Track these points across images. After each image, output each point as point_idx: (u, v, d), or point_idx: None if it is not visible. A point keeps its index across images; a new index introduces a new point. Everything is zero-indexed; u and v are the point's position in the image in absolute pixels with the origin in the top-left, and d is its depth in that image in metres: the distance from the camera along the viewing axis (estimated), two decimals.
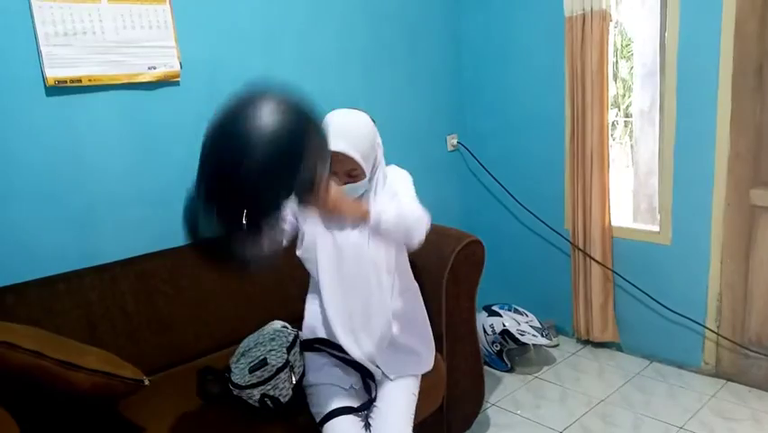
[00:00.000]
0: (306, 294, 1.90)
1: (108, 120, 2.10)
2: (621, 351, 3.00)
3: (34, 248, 1.97)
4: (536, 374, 2.86)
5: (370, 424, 1.71)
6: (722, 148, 2.47)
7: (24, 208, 1.95)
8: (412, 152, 3.06)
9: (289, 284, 2.23)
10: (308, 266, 1.82)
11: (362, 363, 1.75)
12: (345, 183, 1.70)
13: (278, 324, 1.89)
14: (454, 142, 3.28)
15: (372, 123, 1.76)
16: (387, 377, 1.77)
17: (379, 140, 1.78)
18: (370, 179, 1.75)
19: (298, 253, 1.86)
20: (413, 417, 1.75)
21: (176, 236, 2.22)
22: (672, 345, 2.80)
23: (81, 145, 2.05)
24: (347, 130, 1.67)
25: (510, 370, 2.88)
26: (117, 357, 1.68)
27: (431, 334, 1.97)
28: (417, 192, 1.83)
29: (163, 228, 2.23)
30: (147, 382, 1.60)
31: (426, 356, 1.91)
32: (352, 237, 1.74)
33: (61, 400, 1.53)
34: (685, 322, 2.72)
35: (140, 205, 2.19)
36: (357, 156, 1.66)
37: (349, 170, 1.69)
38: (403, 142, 3.02)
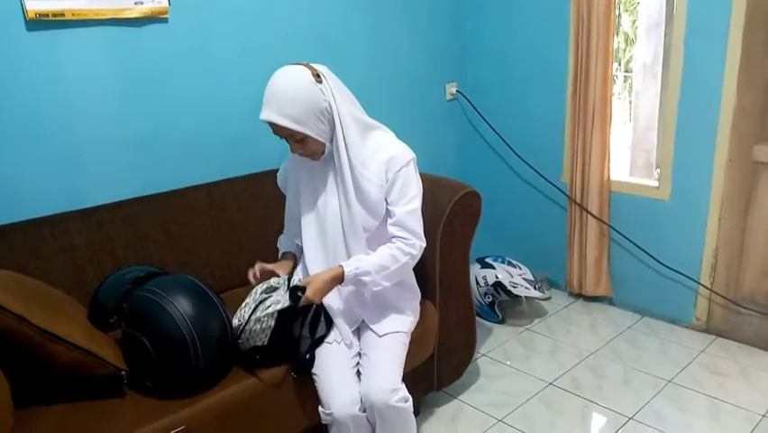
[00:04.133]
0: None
1: (93, 57, 2.00)
2: (613, 305, 3.01)
3: (16, 190, 1.91)
4: (527, 326, 2.86)
5: (360, 373, 1.70)
6: (728, 102, 2.40)
7: (6, 148, 1.88)
8: (409, 99, 2.98)
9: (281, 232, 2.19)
10: (297, 242, 1.88)
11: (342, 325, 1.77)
12: (299, 153, 1.70)
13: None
14: (453, 90, 3.19)
15: (312, 81, 1.61)
16: (375, 333, 1.76)
17: (334, 98, 1.63)
18: (331, 140, 1.69)
19: (285, 232, 1.94)
20: (402, 366, 1.74)
21: (165, 181, 2.18)
22: (664, 300, 2.81)
23: (65, 83, 1.96)
24: (273, 95, 1.61)
25: (501, 321, 2.89)
26: (107, 337, 1.63)
27: (417, 291, 1.96)
28: (413, 143, 1.77)
29: (152, 172, 2.18)
30: (124, 374, 1.56)
31: (412, 313, 1.90)
32: (331, 207, 1.76)
33: (40, 369, 1.50)
34: (679, 278, 2.71)
35: (127, 147, 2.12)
36: (286, 123, 1.59)
37: (289, 136, 1.66)
38: (400, 89, 2.93)
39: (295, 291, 1.66)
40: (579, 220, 2.95)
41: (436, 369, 2.16)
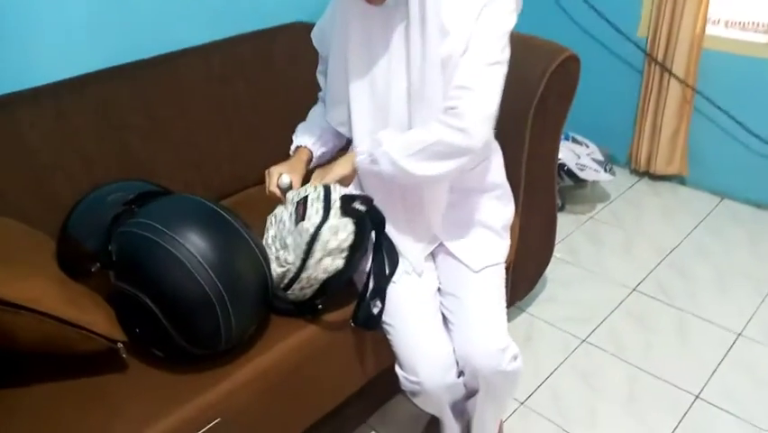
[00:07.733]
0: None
1: None
2: (684, 185, 2.56)
3: None
4: (590, 214, 2.42)
5: (446, 318, 1.24)
6: None
7: None
8: None
9: (305, 115, 1.61)
10: (341, 130, 1.33)
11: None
12: None
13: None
14: None
15: None
16: (468, 267, 1.27)
17: None
18: None
19: (327, 117, 1.35)
20: (505, 309, 1.27)
21: (143, 46, 1.57)
22: (750, 180, 2.37)
23: None
24: None
25: (561, 208, 2.43)
26: (90, 292, 1.11)
27: (513, 201, 1.44)
28: None
29: (126, 34, 1.56)
30: (121, 347, 1.08)
31: (508, 235, 1.41)
32: (396, 80, 1.19)
33: None
34: None
35: None
36: None
37: None
38: None
39: (350, 204, 1.15)
40: (657, 84, 2.41)
41: (510, 283, 1.73)
